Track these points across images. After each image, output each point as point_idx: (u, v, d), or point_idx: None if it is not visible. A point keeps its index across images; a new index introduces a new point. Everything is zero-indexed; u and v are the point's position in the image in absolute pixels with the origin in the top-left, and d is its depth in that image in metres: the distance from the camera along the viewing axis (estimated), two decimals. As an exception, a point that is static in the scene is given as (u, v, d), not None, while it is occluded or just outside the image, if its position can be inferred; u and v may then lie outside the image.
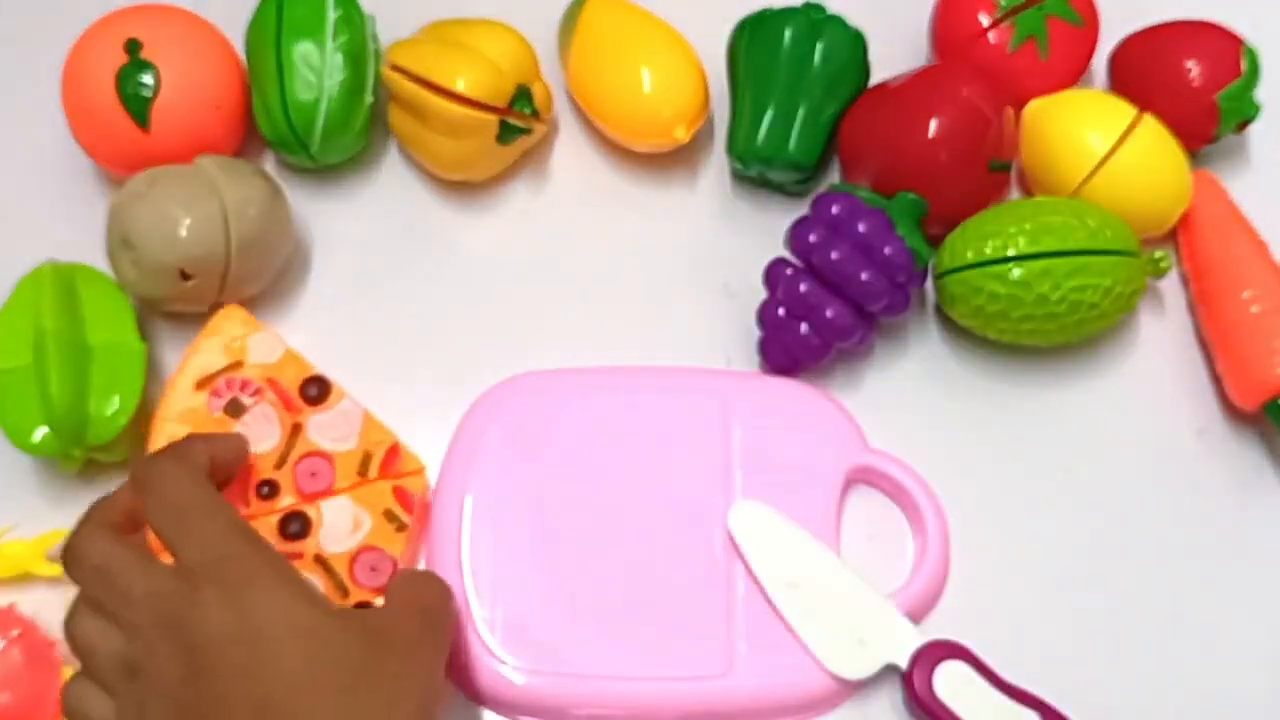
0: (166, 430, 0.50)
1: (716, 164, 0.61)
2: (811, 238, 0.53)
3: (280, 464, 0.50)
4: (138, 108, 0.54)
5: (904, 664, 0.48)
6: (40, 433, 0.50)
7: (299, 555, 0.49)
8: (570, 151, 0.61)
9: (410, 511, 0.50)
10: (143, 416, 0.52)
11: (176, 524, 0.40)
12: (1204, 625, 0.52)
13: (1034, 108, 0.57)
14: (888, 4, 0.61)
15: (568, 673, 0.48)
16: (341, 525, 0.49)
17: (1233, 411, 0.55)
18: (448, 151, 0.56)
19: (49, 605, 0.51)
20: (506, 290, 0.58)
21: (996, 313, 0.52)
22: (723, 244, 0.59)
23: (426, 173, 0.59)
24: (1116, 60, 0.60)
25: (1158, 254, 0.54)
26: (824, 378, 0.55)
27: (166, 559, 0.41)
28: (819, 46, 0.56)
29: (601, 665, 0.48)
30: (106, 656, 0.40)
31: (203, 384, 0.51)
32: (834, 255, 0.52)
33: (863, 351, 0.56)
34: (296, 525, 0.49)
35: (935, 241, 0.55)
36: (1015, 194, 0.60)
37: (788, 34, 0.56)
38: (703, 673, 0.48)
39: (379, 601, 0.48)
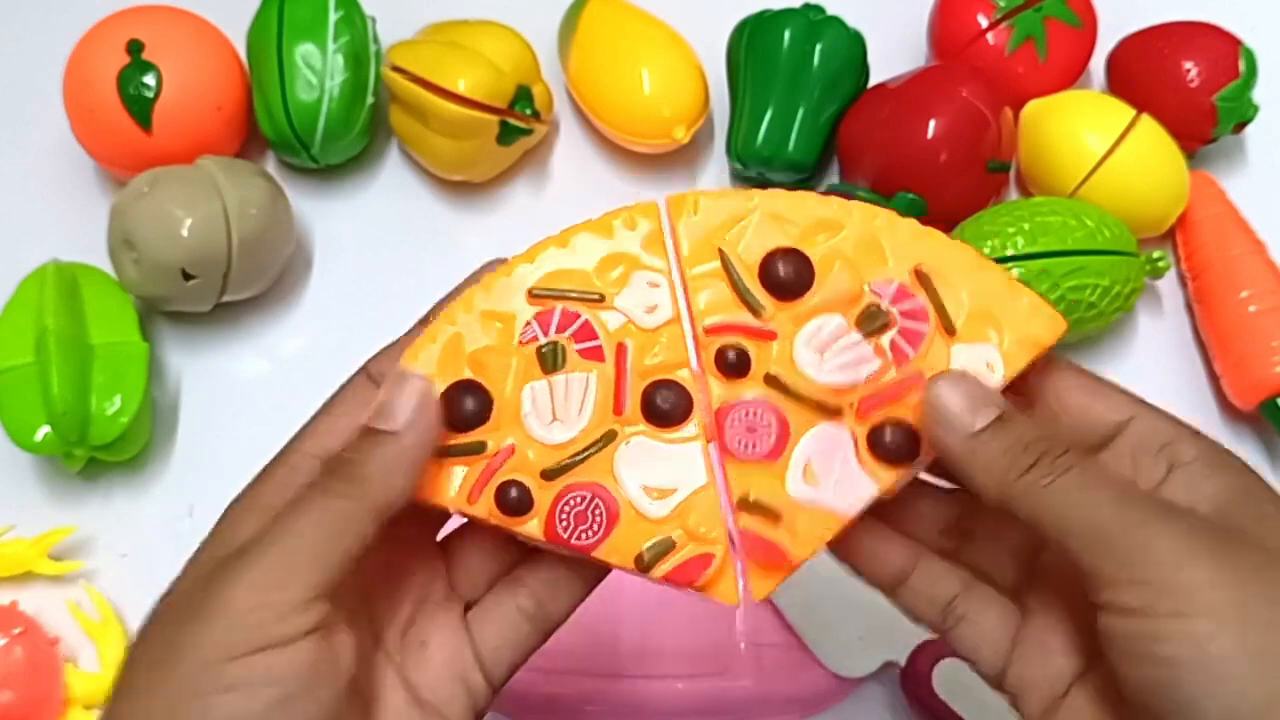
0: (451, 328, 0.34)
1: (716, 164, 0.61)
2: (810, 237, 0.53)
3: (553, 474, 0.32)
4: (140, 109, 0.54)
5: (902, 661, 0.48)
6: (42, 432, 0.50)
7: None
8: (570, 152, 0.61)
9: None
10: (144, 416, 0.52)
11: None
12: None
13: (1032, 109, 0.57)
14: (886, 5, 0.62)
15: (568, 671, 0.48)
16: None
17: (1230, 410, 0.55)
18: (448, 152, 0.56)
19: (51, 603, 0.51)
20: (507, 290, 0.58)
21: (995, 312, 0.53)
22: (722, 244, 0.59)
23: (427, 173, 0.60)
24: (1114, 61, 0.60)
25: (1156, 254, 0.54)
26: (823, 377, 0.55)
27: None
28: (818, 47, 0.56)
29: (602, 664, 0.48)
30: None
31: (537, 297, 0.33)
32: (833, 255, 0.52)
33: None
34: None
35: (934, 241, 0.55)
36: (1013, 195, 0.60)
37: (787, 35, 0.56)
38: (703, 670, 0.48)
39: None
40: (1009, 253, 0.52)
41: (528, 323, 0.32)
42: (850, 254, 0.32)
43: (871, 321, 0.32)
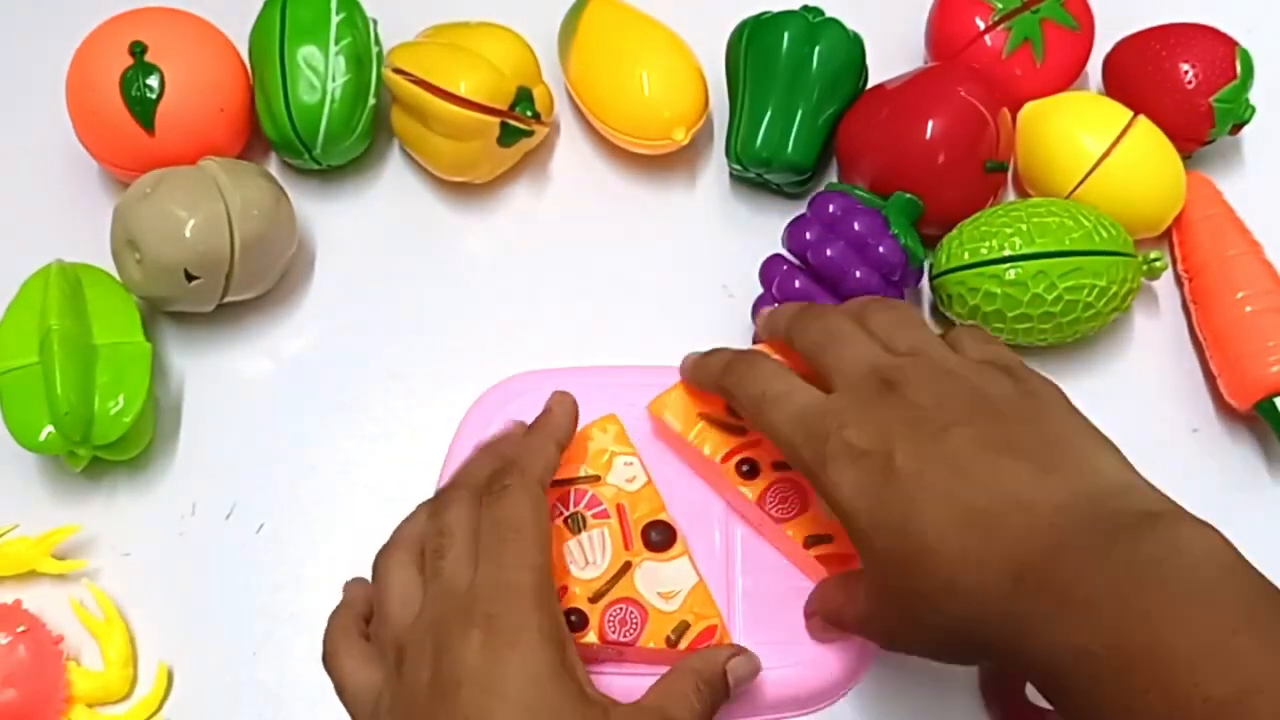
0: None
1: (715, 165, 0.61)
2: (808, 235, 0.53)
3: (596, 598, 0.46)
4: (143, 110, 0.54)
5: None
6: (46, 431, 0.50)
7: None
8: (571, 153, 0.62)
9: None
10: (148, 416, 0.53)
11: (496, 538, 0.41)
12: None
13: (1029, 111, 0.58)
14: (885, 7, 0.62)
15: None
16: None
17: (1227, 410, 0.56)
18: (449, 153, 0.57)
19: (54, 602, 0.51)
20: (507, 290, 0.58)
21: (992, 313, 0.53)
22: (721, 245, 0.59)
23: (428, 174, 0.60)
24: (1110, 63, 0.60)
25: (1153, 255, 0.54)
26: (822, 377, 0.56)
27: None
28: (817, 49, 0.56)
29: (602, 662, 0.49)
30: (389, 628, 0.40)
31: (555, 487, 0.48)
32: (829, 253, 0.52)
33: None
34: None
35: (932, 242, 0.56)
36: (1010, 197, 0.60)
37: (786, 37, 0.57)
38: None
39: None
40: (1006, 253, 0.52)
41: (553, 505, 0.47)
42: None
43: None
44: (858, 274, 0.52)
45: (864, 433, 0.39)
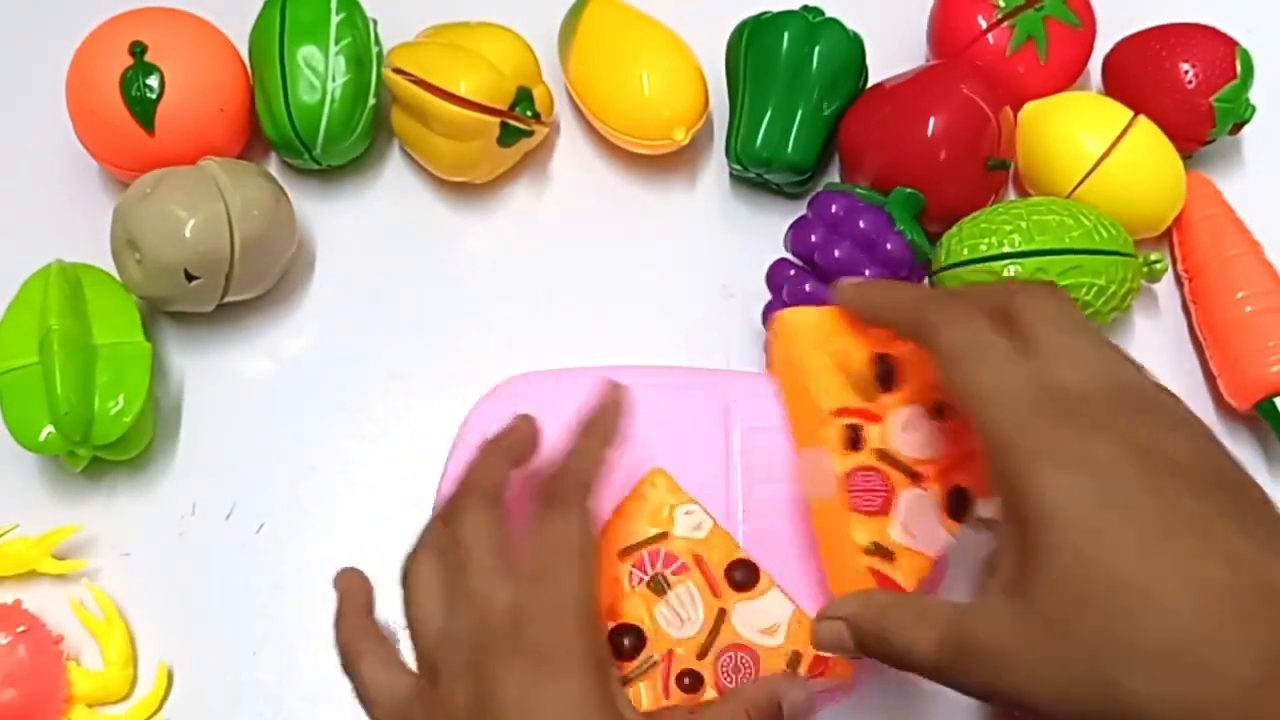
0: None
1: (715, 165, 0.61)
2: (813, 237, 0.53)
3: (703, 653, 0.44)
4: (143, 110, 0.54)
5: None
6: (46, 431, 0.50)
7: None
8: (571, 153, 0.62)
9: None
10: (148, 415, 0.53)
11: (544, 560, 0.38)
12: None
13: (1030, 110, 0.57)
14: (885, 7, 0.62)
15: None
16: None
17: (1226, 410, 0.56)
18: (449, 153, 0.57)
19: (54, 602, 0.51)
20: (507, 290, 0.58)
21: (993, 312, 0.53)
22: (722, 244, 0.59)
23: (428, 174, 0.60)
24: (1110, 63, 0.60)
25: (1153, 256, 0.54)
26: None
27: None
28: (817, 49, 0.57)
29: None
30: (420, 639, 0.39)
31: (626, 554, 0.45)
32: (836, 254, 0.52)
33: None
34: None
35: (932, 239, 0.56)
36: (1011, 196, 0.60)
37: (786, 37, 0.57)
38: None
39: None
40: (1005, 250, 0.52)
41: (629, 573, 0.45)
42: (916, 359, 0.43)
43: (938, 412, 0.43)
44: (867, 273, 0.52)
45: (1093, 444, 0.33)
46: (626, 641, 0.44)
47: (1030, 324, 0.36)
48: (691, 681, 0.43)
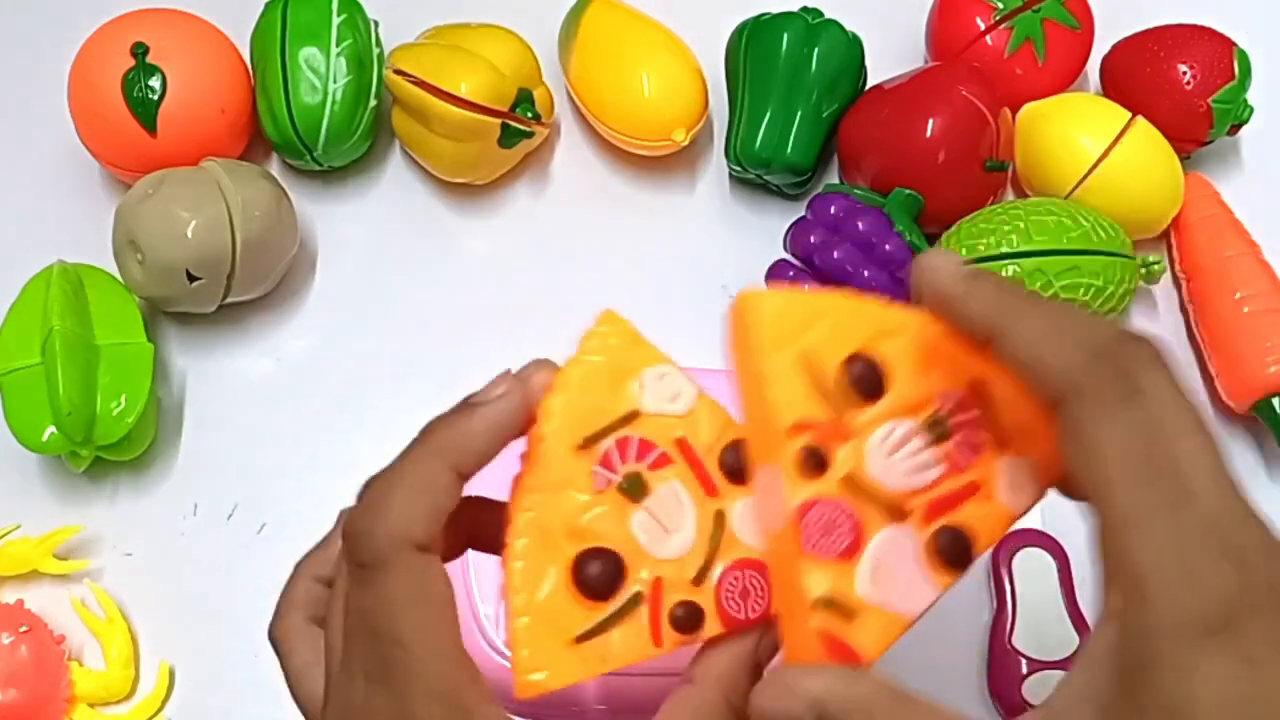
0: (527, 514, 0.32)
1: (715, 166, 0.61)
2: (812, 238, 0.53)
3: (700, 578, 0.32)
4: (144, 111, 0.54)
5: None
6: (48, 431, 0.50)
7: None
8: (571, 154, 0.62)
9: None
10: (149, 416, 0.53)
11: (376, 655, 0.31)
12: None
13: (1028, 112, 0.58)
14: (884, 8, 0.62)
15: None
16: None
17: (1225, 410, 0.56)
18: (450, 154, 0.57)
19: (56, 602, 0.51)
20: (508, 291, 0.58)
21: (991, 313, 0.53)
22: (721, 245, 0.59)
23: (429, 175, 0.60)
24: (1108, 64, 0.60)
25: (1151, 258, 0.54)
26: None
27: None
28: (816, 51, 0.57)
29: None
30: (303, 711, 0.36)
31: (587, 446, 0.32)
32: (836, 255, 0.53)
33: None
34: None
35: (931, 240, 0.56)
36: (1010, 198, 0.60)
37: (785, 38, 0.57)
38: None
39: None
40: (1003, 250, 0.52)
41: (592, 472, 0.32)
42: (913, 360, 0.32)
43: (935, 429, 0.32)
44: (866, 274, 0.52)
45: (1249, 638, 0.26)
46: (596, 571, 0.31)
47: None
48: (684, 614, 0.32)
